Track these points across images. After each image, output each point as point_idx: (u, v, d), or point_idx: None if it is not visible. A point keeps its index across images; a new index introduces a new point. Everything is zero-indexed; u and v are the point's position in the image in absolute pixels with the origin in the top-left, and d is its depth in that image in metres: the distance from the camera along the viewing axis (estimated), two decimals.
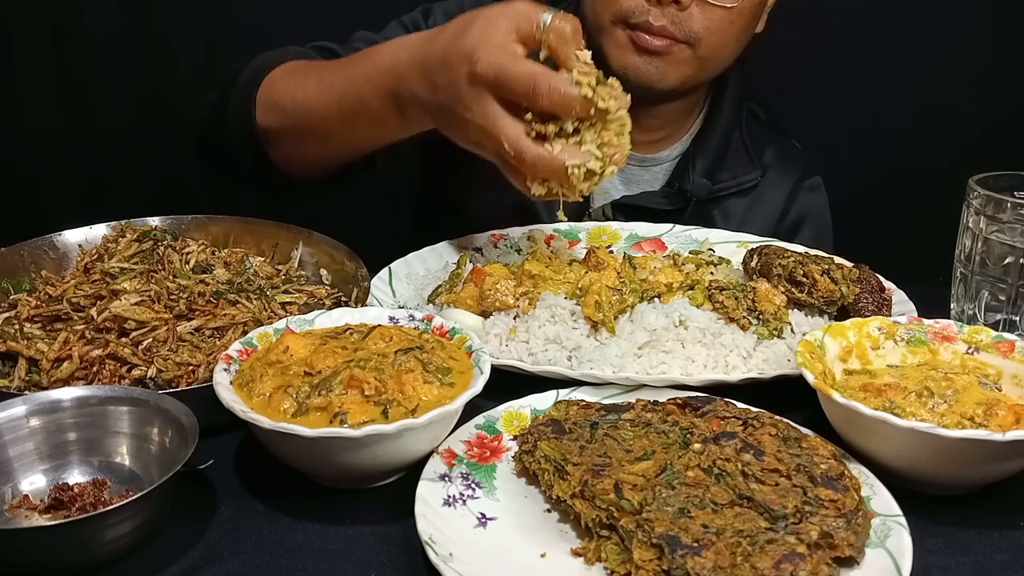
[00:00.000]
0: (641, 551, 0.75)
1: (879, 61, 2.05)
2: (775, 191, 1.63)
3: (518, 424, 0.96)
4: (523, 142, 1.03)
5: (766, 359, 1.08)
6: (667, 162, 1.62)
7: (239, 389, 0.89)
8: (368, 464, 0.85)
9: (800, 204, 1.63)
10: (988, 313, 1.18)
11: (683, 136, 1.62)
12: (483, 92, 1.04)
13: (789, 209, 1.63)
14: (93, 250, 1.16)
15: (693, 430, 0.88)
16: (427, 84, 1.10)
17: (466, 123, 1.07)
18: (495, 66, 1.02)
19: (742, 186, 1.60)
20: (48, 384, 0.97)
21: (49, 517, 0.83)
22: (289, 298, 1.15)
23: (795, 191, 1.63)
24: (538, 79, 1.01)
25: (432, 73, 1.09)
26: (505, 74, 1.01)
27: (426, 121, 1.16)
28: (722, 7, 1.38)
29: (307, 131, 1.29)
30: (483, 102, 1.04)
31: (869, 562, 0.77)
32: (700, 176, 1.57)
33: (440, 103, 1.09)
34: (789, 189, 1.63)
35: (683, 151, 1.62)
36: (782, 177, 1.64)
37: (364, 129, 1.25)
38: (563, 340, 1.08)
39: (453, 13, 1.52)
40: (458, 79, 1.05)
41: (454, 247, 1.35)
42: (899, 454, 0.87)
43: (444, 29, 1.12)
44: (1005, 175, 1.17)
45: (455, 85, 1.05)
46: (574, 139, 1.04)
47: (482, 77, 1.03)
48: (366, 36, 1.50)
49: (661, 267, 1.21)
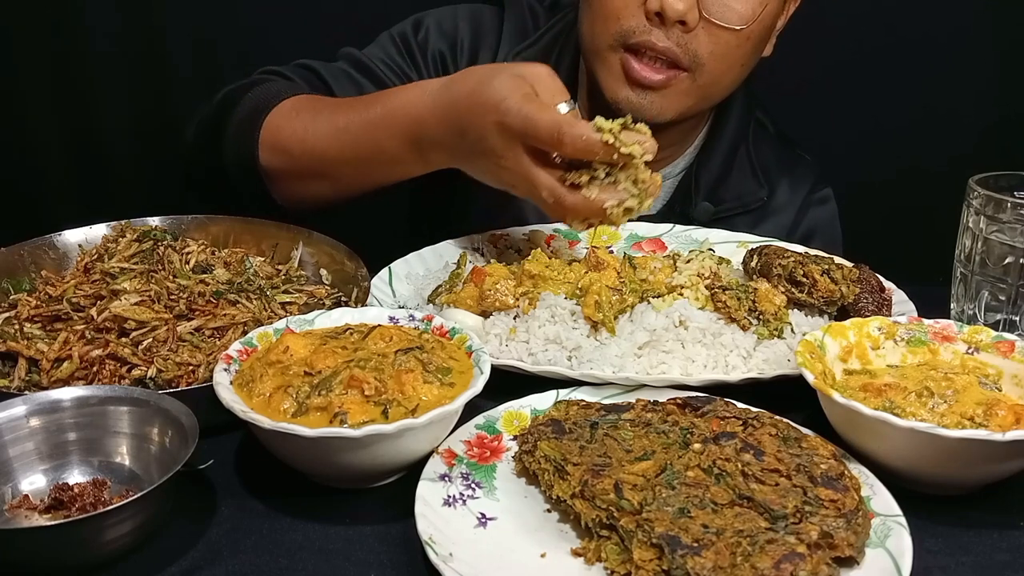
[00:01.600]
0: (641, 551, 0.75)
1: (880, 62, 2.05)
2: (783, 208, 1.57)
3: (518, 424, 0.96)
4: (560, 191, 1.09)
5: (766, 359, 1.08)
6: (670, 179, 1.57)
7: (239, 389, 0.89)
8: (368, 464, 0.85)
9: (810, 219, 1.59)
10: (988, 313, 1.18)
11: (686, 150, 1.57)
12: (514, 143, 1.08)
13: (799, 224, 1.58)
14: (93, 250, 1.16)
15: (693, 430, 0.88)
16: (455, 131, 1.13)
17: (499, 169, 1.11)
18: (522, 116, 1.06)
19: (747, 207, 1.54)
20: (48, 384, 0.97)
21: (49, 517, 0.83)
22: (289, 298, 1.15)
23: (804, 206, 1.58)
24: (562, 127, 1.04)
25: (458, 120, 1.12)
26: (532, 124, 1.05)
27: (450, 162, 1.18)
28: (730, 30, 1.32)
29: (316, 173, 1.29)
30: (515, 152, 1.09)
31: (869, 562, 0.77)
32: (703, 199, 1.52)
33: (470, 150, 1.13)
34: (798, 205, 1.58)
35: (687, 166, 1.56)
36: (791, 193, 1.58)
37: (378, 172, 1.26)
38: (563, 340, 1.08)
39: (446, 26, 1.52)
40: (487, 128, 1.08)
41: (454, 247, 1.35)
42: (899, 454, 0.87)
43: (468, 75, 1.15)
44: (1005, 175, 1.17)
45: (484, 135, 1.09)
46: (607, 180, 1.09)
47: (510, 128, 1.07)
48: (352, 55, 1.49)
49: (661, 267, 1.21)
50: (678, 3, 1.27)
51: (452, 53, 1.52)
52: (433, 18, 1.54)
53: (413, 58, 1.51)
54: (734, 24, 1.32)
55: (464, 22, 1.54)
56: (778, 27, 1.44)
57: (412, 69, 1.51)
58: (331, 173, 1.28)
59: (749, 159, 1.56)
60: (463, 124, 1.11)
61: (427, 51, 1.51)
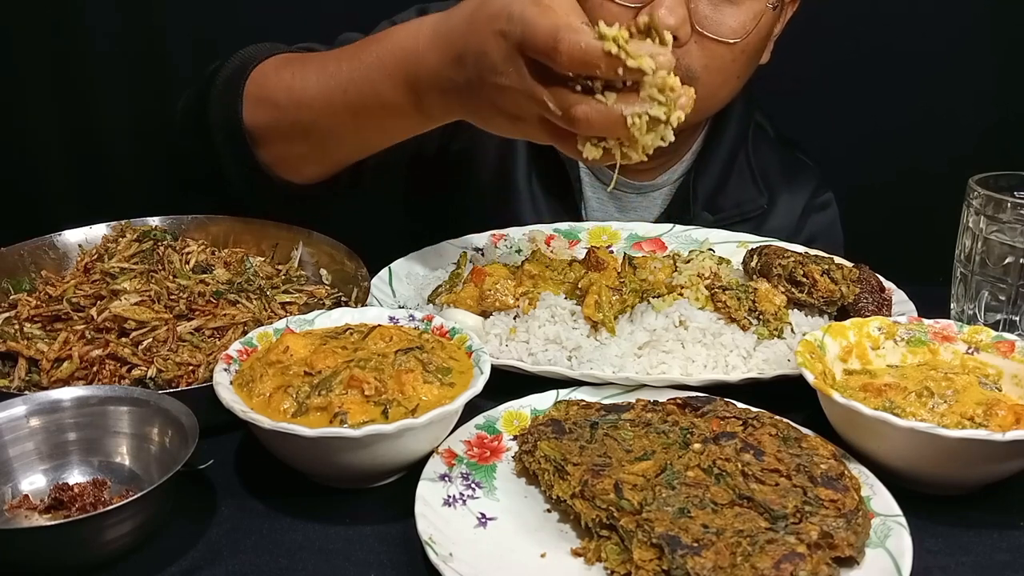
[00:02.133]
0: (641, 551, 0.75)
1: (879, 62, 2.04)
2: (784, 215, 1.54)
3: (518, 424, 0.96)
4: (569, 96, 0.90)
5: (766, 359, 1.08)
6: (666, 186, 1.53)
7: (239, 389, 0.89)
8: (368, 464, 0.85)
9: (812, 224, 1.56)
10: (988, 313, 1.18)
11: (684, 156, 1.53)
12: (514, 54, 0.92)
13: (800, 231, 1.54)
14: (93, 250, 1.16)
15: (693, 430, 0.88)
16: (452, 59, 0.99)
17: (501, 92, 0.94)
18: (523, 20, 0.90)
19: (746, 216, 1.51)
20: (48, 384, 0.97)
21: (49, 517, 0.83)
22: (289, 298, 1.15)
23: (805, 213, 1.55)
24: (560, 31, 0.87)
25: (456, 43, 0.98)
26: (531, 27, 0.89)
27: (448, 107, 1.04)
28: (724, 43, 1.27)
29: (304, 128, 1.18)
30: (516, 65, 0.92)
31: (869, 562, 0.77)
32: (701, 208, 1.49)
33: (468, 79, 0.97)
34: (799, 212, 1.55)
35: (684, 172, 1.53)
36: (792, 200, 1.54)
37: (371, 123, 1.14)
38: (563, 340, 1.08)
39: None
40: (487, 42, 0.94)
41: (454, 247, 1.35)
42: (899, 454, 0.87)
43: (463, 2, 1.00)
44: (1005, 175, 1.17)
45: (485, 50, 0.94)
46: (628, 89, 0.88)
47: (510, 35, 0.91)
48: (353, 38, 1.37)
49: (661, 267, 1.21)
50: (669, 17, 1.21)
51: None
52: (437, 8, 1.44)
53: None
54: (728, 38, 1.28)
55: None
56: (775, 33, 1.40)
57: None
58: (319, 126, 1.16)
59: (749, 165, 1.53)
60: (461, 48, 0.97)
61: None
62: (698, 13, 1.26)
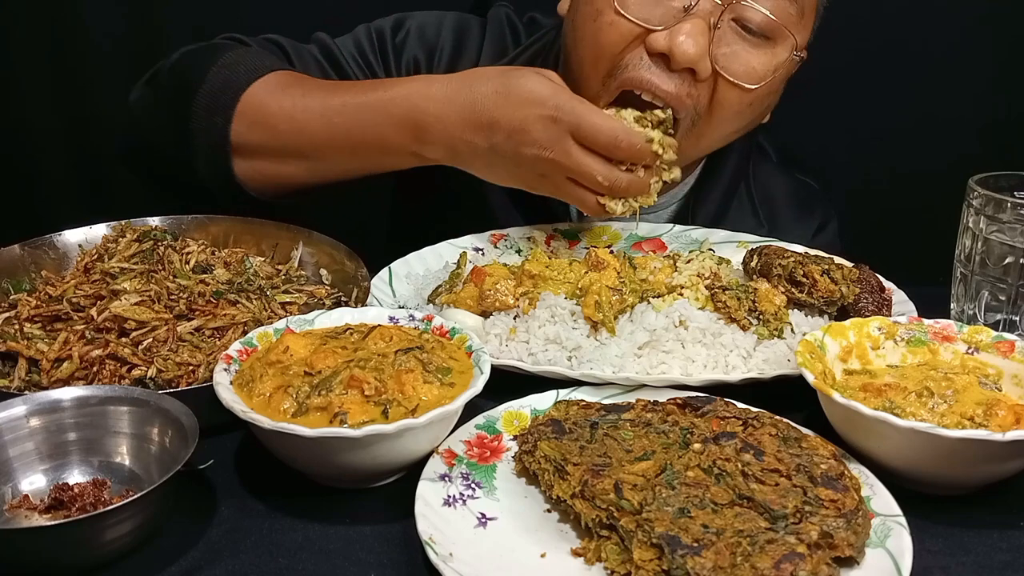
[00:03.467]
0: (641, 551, 0.75)
1: (879, 62, 2.05)
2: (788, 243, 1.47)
3: (518, 424, 0.96)
4: (617, 173, 1.15)
5: (766, 359, 1.08)
6: (667, 208, 1.50)
7: (239, 389, 0.89)
8: (368, 464, 0.85)
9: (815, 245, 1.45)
10: (988, 313, 1.18)
11: (686, 178, 1.48)
12: (564, 136, 1.12)
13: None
14: (93, 250, 1.16)
15: (693, 430, 0.88)
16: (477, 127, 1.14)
17: (539, 161, 1.14)
18: (576, 114, 1.11)
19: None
20: (48, 384, 0.97)
21: (49, 517, 0.83)
22: (289, 298, 1.15)
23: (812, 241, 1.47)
24: (619, 134, 1.12)
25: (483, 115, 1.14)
26: (588, 124, 1.11)
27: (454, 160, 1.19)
28: (741, 87, 1.22)
29: (298, 154, 1.25)
30: (565, 143, 1.12)
31: (869, 562, 0.77)
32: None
33: (494, 145, 1.14)
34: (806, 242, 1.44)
35: (682, 198, 1.50)
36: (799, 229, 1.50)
37: (365, 159, 1.24)
38: (563, 340, 1.08)
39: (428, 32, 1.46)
40: (529, 122, 1.12)
41: (454, 247, 1.35)
42: (899, 454, 0.87)
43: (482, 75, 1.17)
44: (1005, 175, 1.17)
45: (526, 128, 1.12)
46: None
47: (561, 121, 1.11)
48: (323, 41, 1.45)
49: (661, 267, 1.21)
50: (690, 46, 1.15)
51: (429, 61, 1.46)
52: (416, 22, 1.47)
53: (385, 57, 1.46)
54: (749, 83, 1.22)
55: (449, 31, 1.48)
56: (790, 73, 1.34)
57: (380, 68, 1.45)
58: (315, 155, 1.24)
59: (750, 195, 1.50)
60: (489, 119, 1.14)
61: (402, 55, 1.46)
62: (719, 49, 1.20)
